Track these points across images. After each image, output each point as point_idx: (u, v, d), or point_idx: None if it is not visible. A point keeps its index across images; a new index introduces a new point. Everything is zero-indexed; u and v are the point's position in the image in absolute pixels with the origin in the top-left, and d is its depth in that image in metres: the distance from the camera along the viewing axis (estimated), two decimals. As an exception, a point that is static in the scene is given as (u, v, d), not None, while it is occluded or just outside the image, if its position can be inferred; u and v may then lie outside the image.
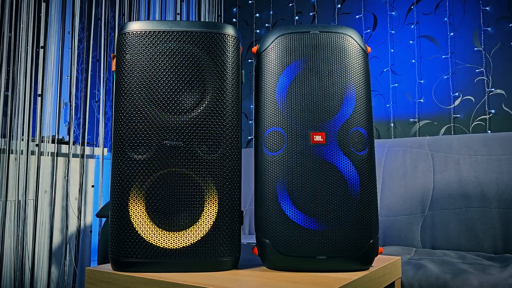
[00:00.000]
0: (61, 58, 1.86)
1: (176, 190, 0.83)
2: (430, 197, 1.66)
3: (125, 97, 0.84)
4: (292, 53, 0.89)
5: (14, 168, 1.64)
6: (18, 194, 1.64)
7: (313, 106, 0.87)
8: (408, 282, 1.18)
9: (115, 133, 0.85)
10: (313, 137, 0.85)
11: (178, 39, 0.86)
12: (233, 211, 0.85)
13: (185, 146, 0.84)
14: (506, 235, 1.50)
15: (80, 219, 1.85)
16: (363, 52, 0.90)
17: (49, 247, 1.73)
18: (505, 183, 1.55)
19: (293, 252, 0.83)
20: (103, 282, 0.83)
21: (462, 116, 2.00)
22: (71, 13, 1.94)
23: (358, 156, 0.85)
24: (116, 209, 0.82)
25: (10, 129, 1.63)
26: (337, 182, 0.84)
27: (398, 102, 2.17)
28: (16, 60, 1.68)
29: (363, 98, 0.88)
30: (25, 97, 1.68)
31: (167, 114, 0.84)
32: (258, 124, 0.88)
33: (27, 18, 1.72)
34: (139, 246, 0.81)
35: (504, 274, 1.14)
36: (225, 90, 0.87)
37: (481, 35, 1.99)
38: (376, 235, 0.84)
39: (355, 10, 2.35)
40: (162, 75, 0.85)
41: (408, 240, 1.64)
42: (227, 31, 0.88)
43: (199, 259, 0.82)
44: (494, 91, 1.93)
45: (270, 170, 0.85)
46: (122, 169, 0.83)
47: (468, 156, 1.66)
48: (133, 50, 0.85)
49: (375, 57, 2.26)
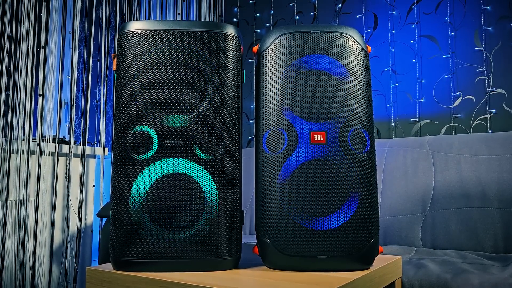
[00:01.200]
0: (62, 57, 1.86)
1: (176, 189, 0.83)
2: (431, 197, 1.66)
3: (125, 97, 0.84)
4: (293, 53, 0.89)
5: (15, 167, 1.64)
6: (19, 194, 1.64)
7: (313, 106, 0.87)
8: (409, 282, 1.18)
9: (116, 133, 0.85)
10: (314, 136, 0.85)
11: (179, 39, 0.86)
12: (234, 211, 0.85)
13: (185, 146, 0.84)
14: (507, 234, 1.50)
15: (81, 218, 1.85)
16: (363, 51, 0.90)
17: (50, 246, 1.73)
18: (506, 182, 1.55)
19: (293, 251, 0.83)
20: (104, 281, 0.83)
21: (463, 115, 2.00)
22: (72, 13, 1.94)
23: (358, 155, 0.85)
24: (117, 208, 0.82)
25: (11, 129, 1.63)
26: (337, 182, 0.84)
27: (399, 102, 2.17)
28: (17, 59, 1.68)
29: (363, 98, 0.88)
30: (26, 96, 1.69)
31: (168, 113, 0.84)
32: (258, 123, 0.88)
33: (28, 17, 1.72)
34: (140, 246, 0.81)
35: (505, 274, 1.14)
36: (225, 90, 0.87)
37: (481, 34, 1.99)
38: (376, 235, 0.84)
39: (356, 10, 2.35)
40: (162, 75, 0.85)
41: (409, 239, 1.64)
42: (228, 31, 0.88)
43: (199, 258, 0.82)
44: (495, 90, 1.93)
45: (270, 169, 0.85)
46: (122, 168, 0.83)
47: (469, 155, 1.66)
48: (134, 49, 0.85)
49: (376, 56, 2.26)
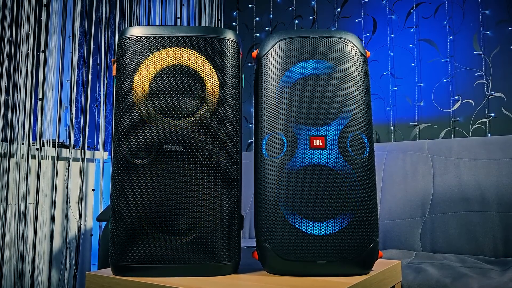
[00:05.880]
0: (61, 62, 1.86)
1: (176, 194, 0.83)
2: (430, 201, 1.66)
3: (125, 102, 0.85)
4: (292, 58, 0.89)
5: (14, 172, 1.64)
6: (18, 198, 1.64)
7: (313, 110, 0.87)
8: (409, 286, 1.18)
9: (116, 138, 0.85)
10: (313, 141, 0.85)
11: (178, 44, 0.86)
12: (233, 215, 0.85)
13: (185, 151, 0.84)
14: (506, 238, 1.50)
15: (80, 222, 1.85)
16: (362, 56, 0.91)
17: (49, 251, 1.73)
18: (505, 186, 1.55)
19: (293, 256, 0.83)
20: (104, 286, 0.83)
21: (462, 119, 2.00)
22: (72, 17, 1.94)
23: (358, 160, 0.85)
24: (117, 213, 0.82)
25: (11, 133, 1.64)
26: (337, 187, 0.84)
27: (398, 106, 2.17)
28: (17, 64, 1.68)
29: (362, 103, 0.88)
30: (25, 101, 1.69)
31: (167, 118, 0.84)
32: (258, 128, 0.89)
33: (27, 22, 1.72)
34: (140, 251, 0.81)
35: (505, 278, 1.14)
36: (225, 95, 0.87)
37: (480, 38, 1.99)
38: (376, 239, 0.84)
39: (355, 14, 2.36)
40: (162, 80, 0.85)
41: (408, 243, 1.64)
42: (227, 36, 0.88)
43: (199, 263, 0.82)
44: (494, 94, 1.94)
45: (270, 174, 0.85)
46: (122, 173, 0.83)
47: (468, 159, 1.66)
48: (134, 55, 0.86)
49: (375, 60, 2.26)
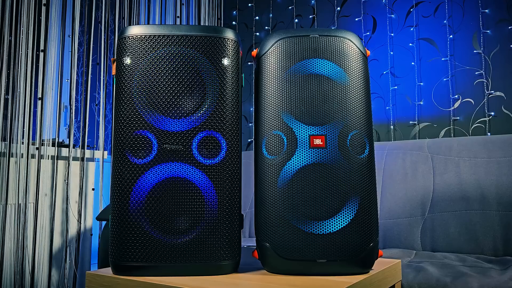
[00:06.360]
0: (61, 61, 1.86)
1: (176, 193, 0.83)
2: (430, 200, 1.66)
3: (125, 101, 0.85)
4: (292, 57, 0.89)
5: (14, 171, 1.64)
6: (18, 198, 1.64)
7: (312, 109, 0.87)
8: (409, 285, 1.18)
9: (115, 137, 0.85)
10: (313, 140, 0.85)
11: (178, 43, 0.86)
12: (233, 215, 0.85)
13: (185, 150, 0.84)
14: (507, 237, 1.50)
15: (80, 222, 1.85)
16: (362, 55, 0.91)
17: (49, 250, 1.73)
18: (505, 185, 1.55)
19: (293, 255, 0.83)
20: (104, 286, 0.83)
21: (462, 118, 2.00)
22: (71, 16, 1.94)
23: (358, 159, 0.85)
24: (116, 212, 0.82)
25: (10, 133, 1.63)
26: (337, 186, 0.84)
27: (398, 105, 2.17)
28: (16, 63, 1.68)
29: (362, 102, 0.88)
30: (25, 100, 1.69)
31: (167, 118, 0.84)
32: (258, 127, 0.89)
33: (27, 21, 1.72)
34: (140, 250, 0.81)
35: (505, 277, 1.14)
36: (225, 95, 0.87)
37: (480, 37, 1.99)
38: (376, 238, 0.84)
39: (355, 13, 2.36)
40: (162, 79, 0.85)
41: (408, 242, 1.64)
42: (227, 35, 0.88)
43: (199, 262, 0.82)
44: (494, 93, 1.94)
45: (270, 173, 0.85)
46: (122, 172, 0.83)
47: (468, 158, 1.66)
48: (133, 54, 0.86)
49: (375, 59, 2.26)
